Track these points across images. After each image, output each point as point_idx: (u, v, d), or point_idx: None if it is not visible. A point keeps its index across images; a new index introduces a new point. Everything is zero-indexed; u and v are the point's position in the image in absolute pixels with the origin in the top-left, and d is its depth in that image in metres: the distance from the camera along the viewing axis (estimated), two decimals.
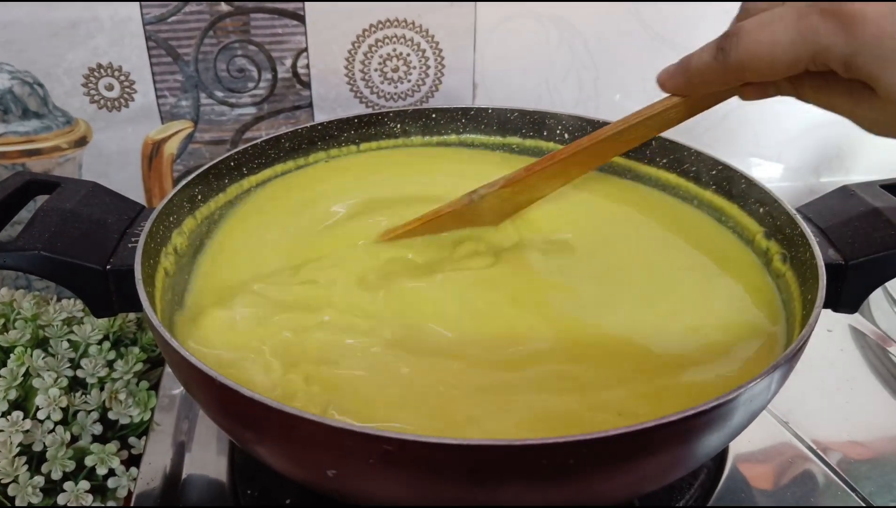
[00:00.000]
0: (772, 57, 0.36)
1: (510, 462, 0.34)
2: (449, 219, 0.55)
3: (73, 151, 0.72)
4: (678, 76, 0.43)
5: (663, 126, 0.47)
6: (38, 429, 0.52)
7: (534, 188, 0.54)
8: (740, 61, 0.38)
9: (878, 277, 0.49)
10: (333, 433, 0.34)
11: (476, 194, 0.54)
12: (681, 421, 0.34)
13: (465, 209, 0.54)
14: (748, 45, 0.37)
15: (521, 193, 0.54)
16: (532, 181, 0.53)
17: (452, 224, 0.55)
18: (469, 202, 0.54)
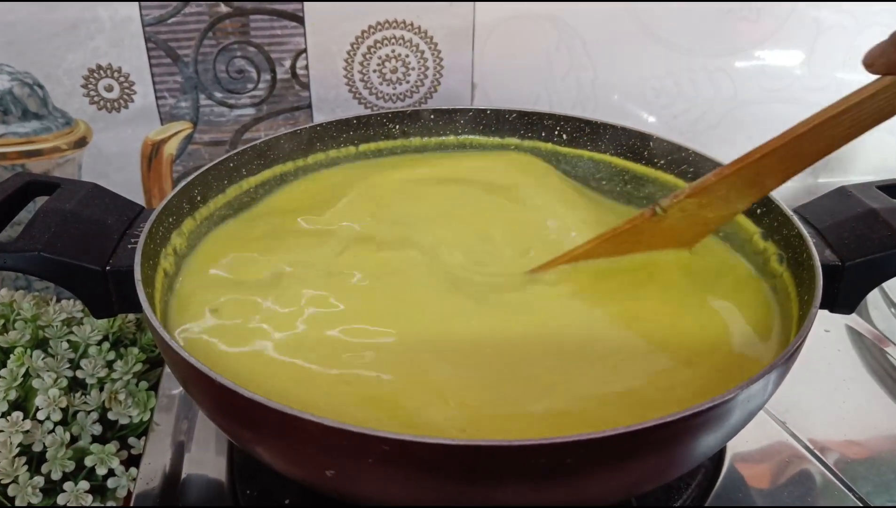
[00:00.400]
0: None
1: (508, 462, 0.34)
2: (627, 238, 0.49)
3: (72, 152, 0.72)
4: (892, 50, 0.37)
5: (876, 116, 0.41)
6: (38, 429, 0.53)
7: (725, 200, 0.48)
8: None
9: (874, 278, 0.49)
10: (332, 434, 0.34)
11: (658, 206, 0.48)
12: (678, 422, 0.35)
13: (647, 225, 0.48)
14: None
15: (709, 206, 0.48)
16: (722, 190, 0.47)
17: (632, 245, 0.50)
18: (652, 215, 0.48)
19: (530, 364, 0.45)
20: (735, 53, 0.77)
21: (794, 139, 0.43)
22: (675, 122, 0.81)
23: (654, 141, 0.62)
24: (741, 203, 0.49)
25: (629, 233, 0.49)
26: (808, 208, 0.54)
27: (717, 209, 0.48)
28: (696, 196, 0.47)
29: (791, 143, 0.43)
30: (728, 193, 0.47)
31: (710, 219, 0.49)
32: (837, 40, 0.78)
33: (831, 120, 0.42)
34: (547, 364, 0.45)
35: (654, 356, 0.46)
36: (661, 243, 0.50)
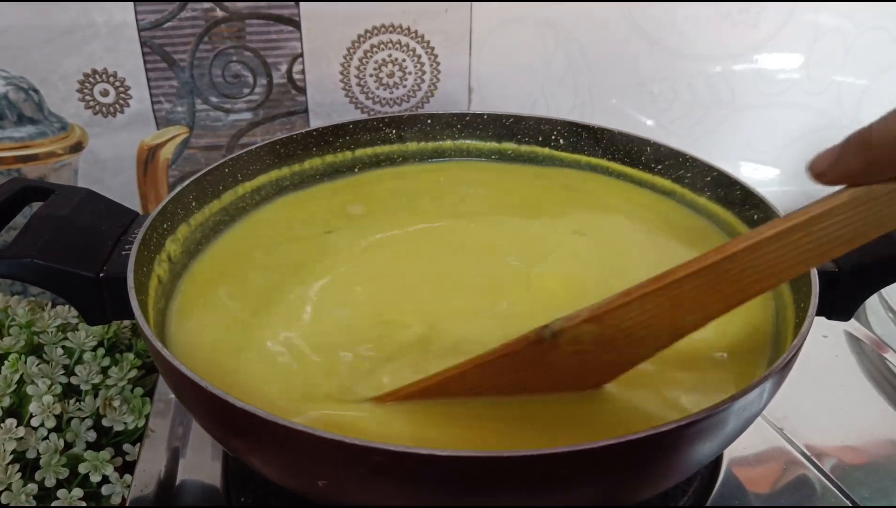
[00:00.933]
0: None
1: (500, 473, 0.34)
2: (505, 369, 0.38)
3: (68, 157, 0.72)
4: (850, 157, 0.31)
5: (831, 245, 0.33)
6: (32, 436, 0.52)
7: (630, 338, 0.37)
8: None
9: (871, 284, 0.49)
10: (324, 445, 0.34)
11: (547, 329, 0.37)
12: (672, 431, 0.34)
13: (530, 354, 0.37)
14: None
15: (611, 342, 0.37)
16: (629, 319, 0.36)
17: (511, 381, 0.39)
18: (537, 341, 0.37)
19: None
20: (733, 57, 0.77)
21: (722, 259, 0.34)
22: (673, 126, 0.80)
23: (650, 146, 0.62)
24: (646, 347, 0.38)
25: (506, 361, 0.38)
26: None
27: (619, 349, 0.38)
28: (596, 322, 0.36)
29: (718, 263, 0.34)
30: (635, 326, 0.36)
31: (610, 362, 0.39)
32: (835, 44, 0.78)
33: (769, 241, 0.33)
34: None
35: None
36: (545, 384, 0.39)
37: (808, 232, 0.33)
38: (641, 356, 0.39)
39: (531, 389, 0.39)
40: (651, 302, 0.36)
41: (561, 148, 0.67)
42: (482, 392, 0.39)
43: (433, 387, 0.40)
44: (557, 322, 0.37)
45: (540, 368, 0.38)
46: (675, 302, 0.36)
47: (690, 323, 0.37)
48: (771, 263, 0.34)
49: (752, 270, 0.34)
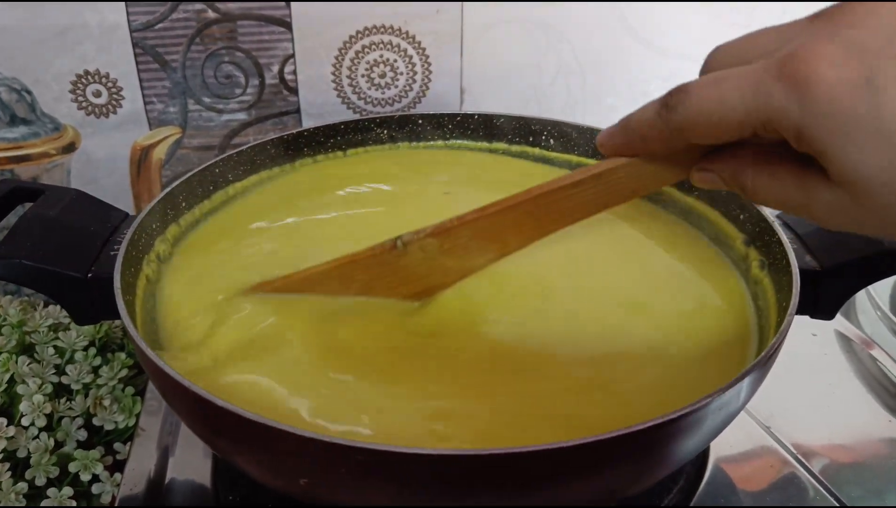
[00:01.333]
0: (720, 115, 0.33)
1: (479, 471, 0.34)
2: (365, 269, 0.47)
3: (61, 158, 0.72)
4: (617, 135, 0.39)
5: (610, 196, 0.41)
6: (23, 435, 0.53)
7: (466, 250, 0.47)
8: (685, 119, 0.34)
9: (854, 283, 0.49)
10: (304, 443, 0.34)
11: (400, 239, 0.46)
12: (652, 429, 0.35)
13: (386, 258, 0.47)
14: (695, 103, 0.33)
15: (451, 252, 0.47)
16: (464, 237, 0.46)
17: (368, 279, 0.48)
18: (392, 248, 0.46)
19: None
20: None
21: (529, 200, 0.43)
22: None
23: None
24: (481, 257, 0.47)
25: (368, 261, 0.47)
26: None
27: (458, 258, 0.47)
28: (438, 237, 0.46)
29: (527, 203, 0.43)
30: (469, 242, 0.46)
31: (450, 268, 0.48)
32: None
33: (570, 186, 0.41)
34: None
35: (635, 360, 0.46)
36: (397, 286, 0.48)
37: (597, 183, 0.41)
38: (475, 267, 0.49)
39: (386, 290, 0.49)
40: (478, 225, 0.45)
41: (551, 148, 0.67)
42: (346, 290, 0.49)
43: (303, 280, 0.49)
44: (407, 235, 0.46)
45: (395, 269, 0.47)
46: (497, 228, 0.45)
47: (513, 245, 0.47)
48: (568, 205, 0.43)
49: (553, 208, 0.44)
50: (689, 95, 0.33)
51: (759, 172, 0.35)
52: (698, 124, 0.33)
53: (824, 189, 0.33)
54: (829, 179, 0.32)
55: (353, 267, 0.47)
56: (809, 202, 0.34)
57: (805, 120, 0.30)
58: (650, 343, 0.47)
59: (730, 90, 0.32)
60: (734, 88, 0.32)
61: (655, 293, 0.52)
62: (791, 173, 0.34)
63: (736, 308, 0.50)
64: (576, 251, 0.56)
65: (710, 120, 0.33)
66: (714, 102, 0.33)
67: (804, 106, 0.30)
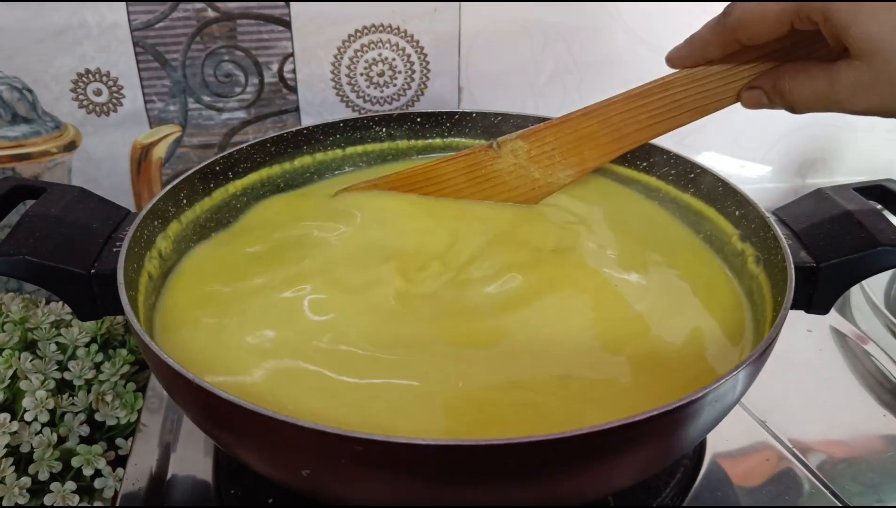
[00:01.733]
0: (762, 11, 0.42)
1: (477, 461, 0.35)
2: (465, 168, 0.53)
3: (62, 156, 0.73)
4: (684, 47, 0.48)
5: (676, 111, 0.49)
6: (26, 431, 0.53)
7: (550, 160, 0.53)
8: (737, 19, 0.43)
9: (848, 278, 0.49)
10: (306, 435, 0.34)
11: (495, 141, 0.53)
12: (647, 420, 0.35)
13: (483, 158, 0.53)
14: (744, 6, 0.43)
15: (537, 159, 0.53)
16: (548, 141, 0.52)
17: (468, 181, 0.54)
18: (489, 147, 0.53)
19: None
20: None
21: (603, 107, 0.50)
22: None
23: None
24: (562, 170, 0.53)
25: (466, 161, 0.53)
26: (786, 210, 0.54)
27: (543, 167, 0.53)
28: (526, 140, 0.53)
29: (601, 110, 0.50)
30: (553, 150, 0.53)
31: (537, 179, 0.54)
32: None
33: (635, 98, 0.49)
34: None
35: (632, 357, 0.47)
36: (496, 188, 0.54)
37: (663, 95, 0.49)
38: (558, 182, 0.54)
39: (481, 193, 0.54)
40: (561, 129, 0.52)
41: None
42: (443, 190, 0.55)
43: (402, 178, 0.56)
44: (499, 138, 0.53)
45: (488, 173, 0.53)
46: (577, 135, 0.52)
47: (590, 158, 0.53)
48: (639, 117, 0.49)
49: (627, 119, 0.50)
50: (739, 3, 0.43)
51: (794, 75, 0.44)
52: (746, 21, 0.43)
53: (847, 69, 0.40)
54: (851, 59, 0.40)
55: (450, 166, 0.54)
56: (836, 87, 0.41)
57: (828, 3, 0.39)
58: (648, 341, 0.48)
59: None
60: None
61: (652, 293, 0.52)
62: (820, 68, 0.42)
63: (737, 306, 0.51)
64: (568, 250, 0.56)
65: (754, 16, 0.42)
66: (756, 3, 0.42)
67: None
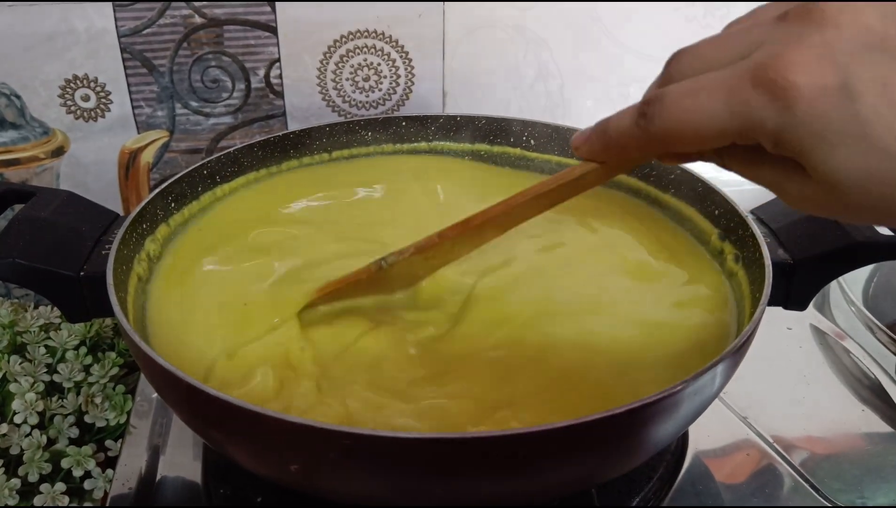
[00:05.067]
0: (697, 128, 0.32)
1: (463, 454, 0.35)
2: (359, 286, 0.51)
3: (50, 161, 0.73)
4: (595, 141, 0.39)
5: (580, 190, 0.43)
6: (15, 433, 0.54)
7: (447, 253, 0.50)
8: (664, 130, 0.34)
9: (824, 275, 0.50)
10: (294, 430, 0.35)
11: (385, 261, 0.50)
12: (625, 413, 0.36)
13: (375, 276, 0.51)
14: (672, 114, 0.33)
15: (433, 257, 0.51)
16: (445, 247, 0.49)
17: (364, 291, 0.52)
18: (378, 270, 0.50)
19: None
20: None
21: (514, 207, 0.46)
22: None
23: None
24: (462, 252, 0.51)
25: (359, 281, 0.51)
26: (764, 209, 0.55)
27: (440, 259, 0.51)
28: (421, 253, 0.49)
29: (511, 210, 0.46)
30: (452, 247, 0.50)
31: (433, 265, 0.52)
32: None
33: (545, 194, 0.44)
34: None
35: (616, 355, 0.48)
36: (388, 287, 0.52)
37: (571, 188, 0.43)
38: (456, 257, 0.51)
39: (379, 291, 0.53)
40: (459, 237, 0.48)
41: (532, 148, 0.68)
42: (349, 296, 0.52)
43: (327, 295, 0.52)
44: (391, 256, 0.50)
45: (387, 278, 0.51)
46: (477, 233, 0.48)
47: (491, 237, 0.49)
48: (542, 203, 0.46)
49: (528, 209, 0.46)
50: (665, 106, 0.33)
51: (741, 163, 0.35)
52: (676, 134, 0.33)
53: (800, 182, 0.32)
54: (807, 175, 0.32)
55: (348, 286, 0.51)
56: (783, 185, 0.34)
57: (783, 127, 0.30)
58: (631, 339, 0.49)
59: (706, 100, 0.32)
60: (710, 97, 0.32)
61: (636, 291, 0.53)
62: (769, 158, 0.33)
63: (717, 303, 0.52)
64: (558, 250, 0.57)
65: (687, 130, 0.33)
66: (691, 113, 0.32)
67: (781, 114, 0.30)
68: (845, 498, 0.52)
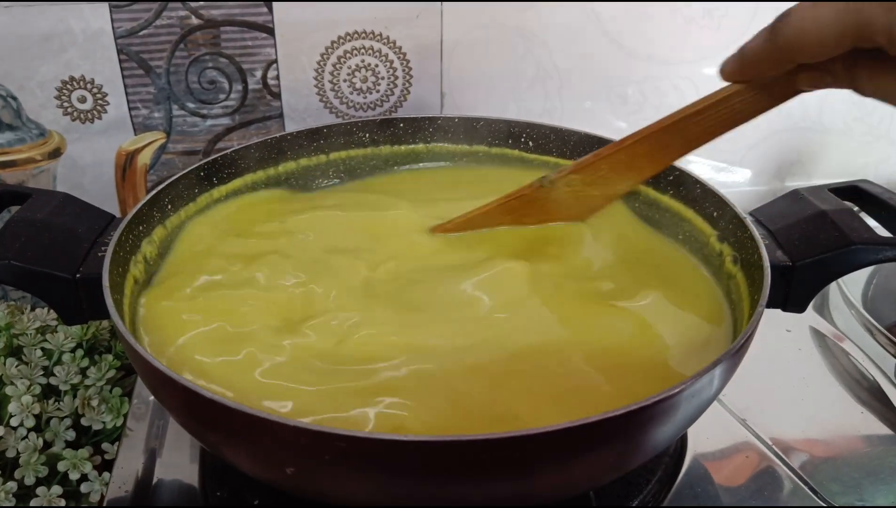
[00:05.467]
0: (818, 33, 0.37)
1: (459, 456, 0.35)
2: (519, 206, 0.54)
3: (47, 163, 0.73)
4: (733, 62, 0.43)
5: (729, 118, 0.46)
6: (12, 436, 0.53)
7: (606, 181, 0.52)
8: (789, 40, 0.38)
9: (823, 277, 0.50)
10: (289, 432, 0.35)
11: (546, 179, 0.52)
12: (624, 416, 0.36)
13: (536, 195, 0.53)
14: (796, 23, 0.38)
15: (593, 183, 0.52)
16: (603, 169, 0.51)
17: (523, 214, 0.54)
18: (539, 187, 0.52)
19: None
20: (698, 61, 0.79)
21: (663, 128, 0.48)
22: None
23: None
24: (621, 184, 0.53)
25: (520, 201, 0.53)
26: (762, 211, 0.55)
27: (601, 187, 0.52)
28: (579, 172, 0.51)
29: (661, 132, 0.48)
30: (608, 173, 0.51)
31: (595, 196, 0.53)
32: None
33: (694, 115, 0.46)
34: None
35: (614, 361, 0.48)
36: (553, 214, 0.54)
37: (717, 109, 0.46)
38: (616, 193, 0.54)
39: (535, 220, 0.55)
40: (615, 158, 0.50)
41: (530, 150, 0.68)
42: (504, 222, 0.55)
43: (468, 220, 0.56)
44: (551, 174, 0.52)
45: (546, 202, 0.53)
46: (631, 158, 0.50)
47: (647, 171, 0.52)
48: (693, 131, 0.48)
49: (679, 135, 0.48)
50: (790, 19, 0.38)
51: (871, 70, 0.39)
52: (802, 43, 0.38)
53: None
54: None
55: (507, 206, 0.54)
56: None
57: (893, 23, 0.34)
58: (630, 343, 0.49)
59: (824, 9, 0.36)
60: (828, 6, 0.36)
61: (632, 296, 0.53)
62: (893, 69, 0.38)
63: (715, 306, 0.52)
64: (555, 250, 0.57)
65: (810, 37, 0.37)
66: (811, 21, 0.37)
67: (888, 12, 0.34)
68: (844, 500, 0.52)
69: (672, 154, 0.50)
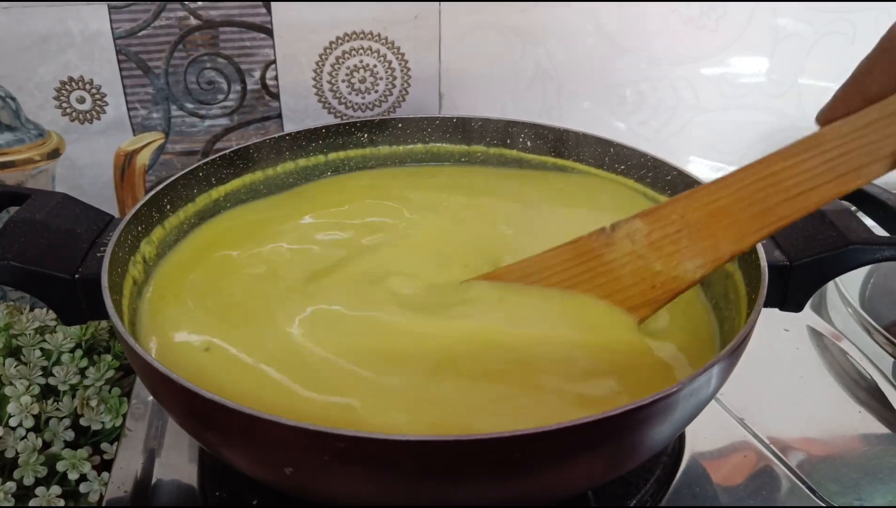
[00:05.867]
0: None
1: (459, 456, 0.35)
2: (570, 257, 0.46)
3: (45, 164, 0.73)
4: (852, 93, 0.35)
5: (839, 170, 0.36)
6: (11, 436, 0.53)
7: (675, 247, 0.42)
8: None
9: (820, 276, 0.50)
10: (288, 432, 0.35)
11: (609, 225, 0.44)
12: (622, 415, 0.36)
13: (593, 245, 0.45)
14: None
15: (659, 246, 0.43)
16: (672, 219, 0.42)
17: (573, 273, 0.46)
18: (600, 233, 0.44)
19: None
20: (696, 61, 0.79)
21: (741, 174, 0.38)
22: (641, 128, 0.82)
23: (613, 147, 0.64)
24: (690, 261, 0.43)
25: (576, 249, 0.46)
26: None
27: (666, 257, 0.43)
28: (645, 219, 0.44)
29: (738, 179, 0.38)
30: (678, 232, 0.42)
31: (658, 273, 0.44)
32: (796, 48, 0.80)
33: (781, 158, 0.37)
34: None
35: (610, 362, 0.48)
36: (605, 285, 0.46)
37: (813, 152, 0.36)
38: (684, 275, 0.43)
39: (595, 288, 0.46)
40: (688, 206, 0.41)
41: (528, 150, 0.68)
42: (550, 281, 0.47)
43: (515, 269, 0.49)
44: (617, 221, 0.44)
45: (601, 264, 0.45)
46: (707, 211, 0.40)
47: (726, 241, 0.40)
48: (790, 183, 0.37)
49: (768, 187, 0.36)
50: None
51: None
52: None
53: None
54: None
55: (558, 257, 0.46)
56: None
57: None
58: (628, 345, 0.49)
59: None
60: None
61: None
62: None
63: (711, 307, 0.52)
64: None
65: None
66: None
67: None
68: (842, 500, 0.52)
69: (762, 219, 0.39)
